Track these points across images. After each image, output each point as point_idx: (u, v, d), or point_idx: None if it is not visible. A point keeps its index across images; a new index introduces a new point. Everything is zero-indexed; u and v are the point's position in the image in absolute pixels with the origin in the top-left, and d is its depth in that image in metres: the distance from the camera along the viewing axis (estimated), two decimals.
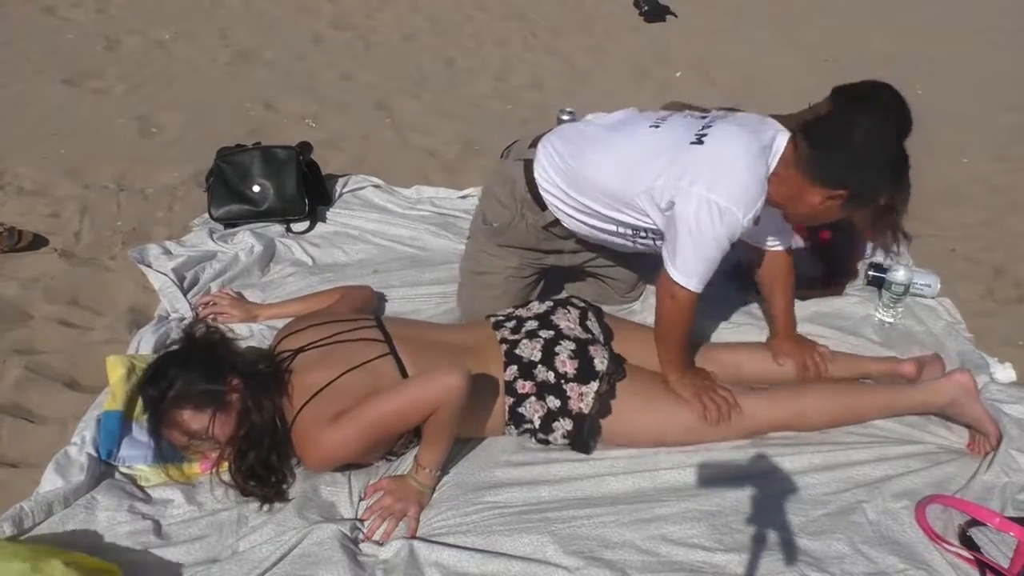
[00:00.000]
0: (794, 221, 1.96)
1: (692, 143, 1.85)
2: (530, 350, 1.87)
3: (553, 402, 1.83)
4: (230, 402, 1.66)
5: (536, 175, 2.08)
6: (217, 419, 1.64)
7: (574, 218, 2.09)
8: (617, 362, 1.91)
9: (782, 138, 1.86)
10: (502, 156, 2.26)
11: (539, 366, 1.85)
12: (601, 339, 1.98)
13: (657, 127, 1.96)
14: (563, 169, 2.04)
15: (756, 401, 1.95)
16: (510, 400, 1.85)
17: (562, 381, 1.83)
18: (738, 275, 2.51)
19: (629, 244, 2.09)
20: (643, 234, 2.02)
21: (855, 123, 1.73)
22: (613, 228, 2.04)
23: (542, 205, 2.10)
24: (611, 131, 2.03)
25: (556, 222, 2.12)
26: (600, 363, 1.85)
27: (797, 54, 3.06)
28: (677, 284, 1.85)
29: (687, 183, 1.80)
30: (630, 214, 1.96)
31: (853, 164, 1.72)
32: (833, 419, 1.97)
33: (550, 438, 1.86)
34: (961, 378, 1.98)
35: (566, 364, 1.84)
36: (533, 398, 1.84)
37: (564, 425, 1.83)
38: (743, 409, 1.91)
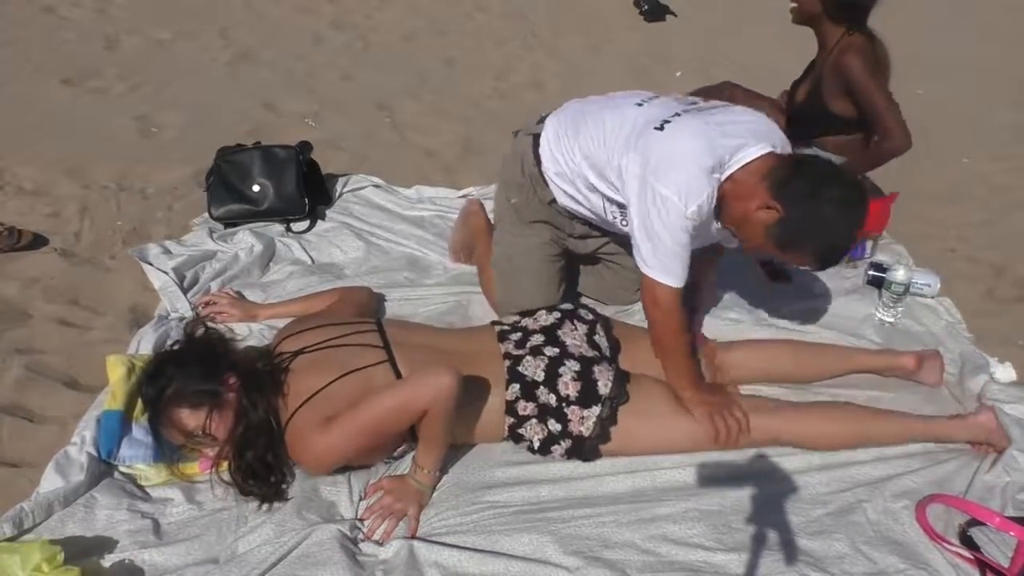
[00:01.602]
0: (726, 223, 1.93)
1: (655, 128, 1.87)
2: (533, 369, 1.85)
3: (554, 426, 1.81)
4: (227, 400, 1.67)
5: (540, 149, 2.12)
6: (214, 417, 1.65)
7: (566, 192, 2.11)
8: (621, 383, 1.87)
9: (756, 149, 1.84)
10: (515, 135, 2.29)
11: (541, 387, 1.83)
12: (608, 355, 1.95)
13: (640, 105, 1.99)
14: (562, 142, 2.08)
15: (768, 420, 1.90)
16: (510, 420, 1.84)
17: (563, 404, 1.81)
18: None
19: (617, 222, 2.09)
20: (623, 212, 2.02)
21: (838, 181, 1.78)
22: (600, 203, 2.05)
23: (545, 181, 2.14)
24: (604, 107, 2.06)
25: (555, 200, 2.15)
26: (604, 386, 1.83)
27: (797, 54, 3.06)
28: (655, 282, 1.86)
29: (638, 166, 1.84)
30: (614, 185, 1.96)
31: (808, 201, 1.74)
32: (844, 444, 1.92)
33: (547, 458, 1.85)
34: (985, 420, 1.94)
35: (569, 386, 1.82)
36: (534, 420, 1.83)
37: (564, 445, 1.82)
38: (752, 428, 1.88)
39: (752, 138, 1.85)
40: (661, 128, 1.86)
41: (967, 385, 2.18)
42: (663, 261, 1.84)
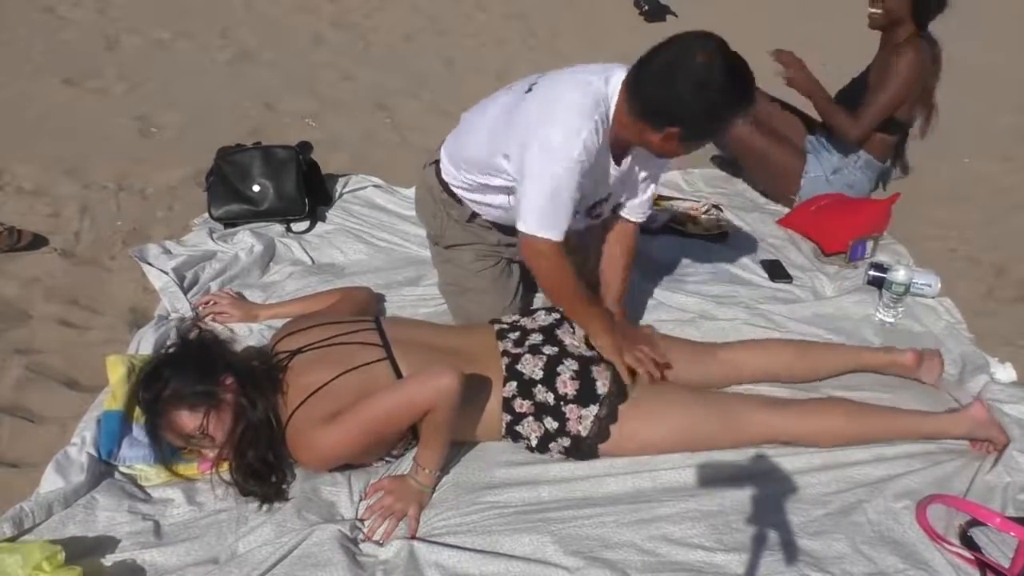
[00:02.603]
0: (656, 154, 1.95)
1: (525, 93, 1.93)
2: (531, 367, 1.85)
3: (551, 423, 1.81)
4: (225, 401, 1.66)
5: (442, 175, 2.18)
6: (212, 418, 1.65)
7: (478, 202, 2.15)
8: (619, 382, 1.87)
9: (618, 75, 1.87)
10: (423, 168, 2.34)
11: (539, 385, 1.83)
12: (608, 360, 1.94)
13: (510, 89, 2.05)
14: (453, 156, 2.14)
15: (764, 416, 1.90)
16: (507, 417, 1.84)
17: (561, 403, 1.81)
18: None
19: None
20: None
21: (682, 60, 1.76)
22: (506, 200, 2.07)
23: (458, 200, 2.17)
24: (482, 107, 2.13)
25: (475, 214, 2.18)
26: (602, 386, 1.83)
27: (798, 54, 3.08)
28: (533, 237, 1.87)
29: (522, 129, 1.87)
30: (505, 178, 1.99)
31: (676, 105, 1.76)
32: (841, 440, 1.93)
33: (546, 456, 1.85)
34: (976, 413, 1.96)
35: (567, 385, 1.82)
36: (531, 418, 1.82)
37: (561, 443, 1.82)
38: (749, 424, 1.88)
39: (609, 71, 1.89)
40: (530, 90, 1.92)
41: (967, 385, 2.18)
42: (545, 213, 1.86)
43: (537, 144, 1.82)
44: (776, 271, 2.71)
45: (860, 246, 2.79)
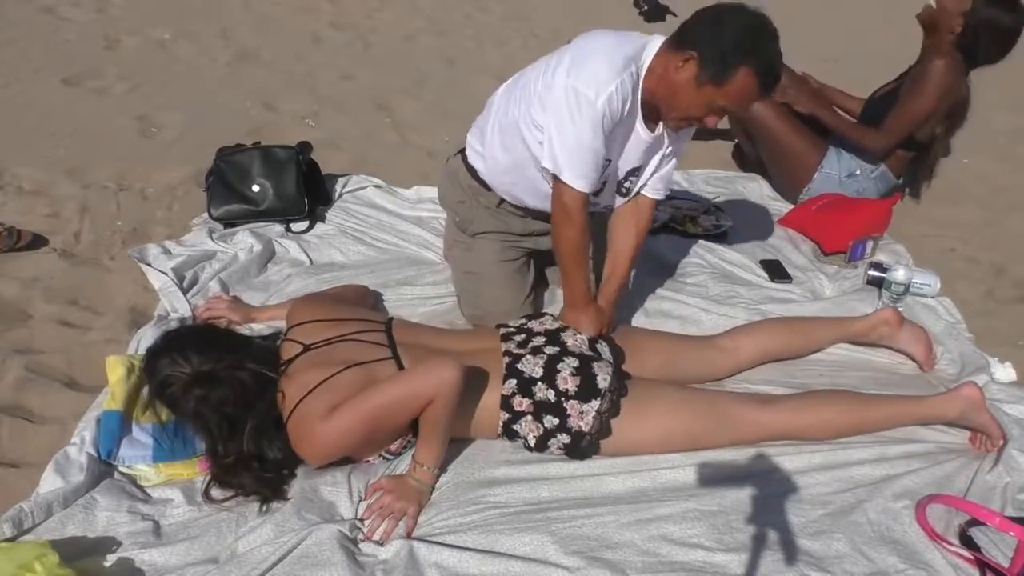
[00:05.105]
0: (668, 113, 1.94)
1: (565, 44, 1.99)
2: (532, 366, 1.86)
3: (551, 421, 1.82)
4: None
5: (470, 160, 2.23)
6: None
7: (505, 183, 2.17)
8: (620, 378, 1.88)
9: (657, 40, 1.93)
10: (447, 162, 2.39)
11: (539, 383, 1.83)
12: (610, 359, 1.95)
13: (547, 56, 2.07)
14: (484, 130, 2.16)
15: (760, 414, 1.90)
16: (505, 415, 1.84)
17: (562, 399, 1.81)
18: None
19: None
20: None
21: (735, 10, 1.80)
22: (540, 174, 2.04)
23: (486, 186, 2.21)
24: (517, 76, 2.16)
25: (503, 200, 2.21)
26: (603, 380, 1.83)
27: (798, 54, 3.06)
28: (562, 183, 1.90)
29: (551, 74, 1.91)
30: (541, 135, 1.98)
31: (714, 29, 1.78)
32: (839, 430, 1.95)
33: (544, 454, 1.85)
34: (969, 392, 1.97)
35: (567, 381, 1.83)
36: (529, 417, 1.83)
37: (561, 440, 1.82)
38: (746, 423, 1.89)
39: (649, 37, 1.96)
40: (568, 42, 1.97)
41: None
42: (571, 162, 1.88)
43: (565, 91, 1.85)
44: (776, 271, 2.71)
45: (860, 246, 2.79)
